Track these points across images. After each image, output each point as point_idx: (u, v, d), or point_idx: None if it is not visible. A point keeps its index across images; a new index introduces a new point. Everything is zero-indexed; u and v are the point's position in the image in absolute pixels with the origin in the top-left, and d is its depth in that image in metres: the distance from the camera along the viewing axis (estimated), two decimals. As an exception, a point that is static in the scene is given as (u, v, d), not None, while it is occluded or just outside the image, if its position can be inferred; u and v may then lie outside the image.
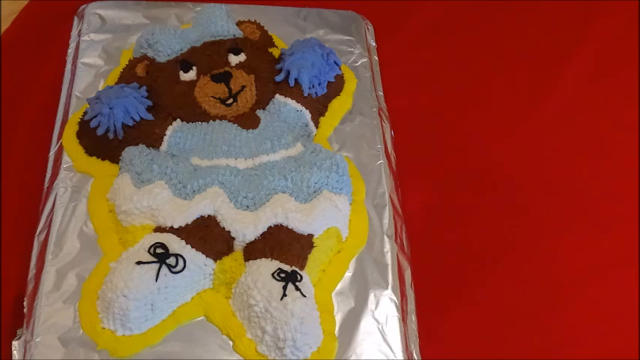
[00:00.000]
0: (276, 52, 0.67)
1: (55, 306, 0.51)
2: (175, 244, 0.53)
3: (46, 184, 0.60)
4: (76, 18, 0.73)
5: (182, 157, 0.59)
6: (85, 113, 0.60)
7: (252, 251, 0.54)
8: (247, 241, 0.54)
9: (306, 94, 0.64)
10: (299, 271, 0.53)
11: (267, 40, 0.69)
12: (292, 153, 0.60)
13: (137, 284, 0.50)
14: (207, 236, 0.54)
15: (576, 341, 0.61)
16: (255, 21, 0.70)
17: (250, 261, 0.53)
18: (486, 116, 0.77)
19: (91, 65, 0.68)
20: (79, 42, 0.70)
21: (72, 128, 0.62)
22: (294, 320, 0.49)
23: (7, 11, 0.81)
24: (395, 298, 0.54)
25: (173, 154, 0.59)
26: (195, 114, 0.61)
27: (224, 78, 0.62)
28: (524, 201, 0.70)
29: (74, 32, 0.72)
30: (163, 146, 0.60)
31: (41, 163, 0.62)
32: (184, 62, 0.63)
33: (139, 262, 0.51)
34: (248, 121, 0.61)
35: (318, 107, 0.65)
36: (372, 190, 0.61)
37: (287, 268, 0.52)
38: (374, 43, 0.76)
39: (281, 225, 0.55)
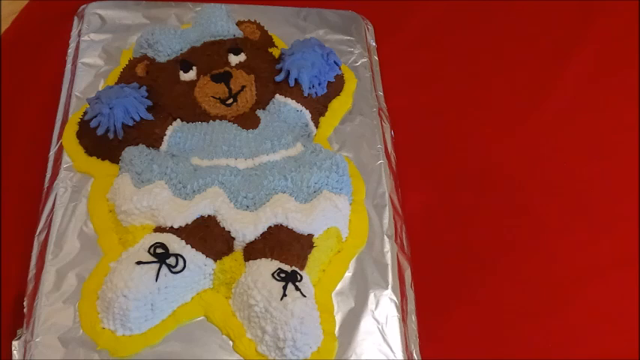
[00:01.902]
0: (276, 52, 0.67)
1: (55, 306, 0.51)
2: (175, 244, 0.53)
3: (46, 184, 0.60)
4: (76, 18, 0.73)
5: (182, 157, 0.59)
6: (85, 113, 0.60)
7: (252, 251, 0.54)
8: (247, 241, 0.54)
9: (306, 94, 0.63)
10: (299, 271, 0.53)
11: (267, 40, 0.69)
12: (292, 153, 0.60)
13: (137, 284, 0.50)
14: (207, 236, 0.54)
15: (576, 341, 0.61)
16: (255, 21, 0.70)
17: (250, 261, 0.53)
18: (486, 116, 0.77)
19: (91, 65, 0.68)
20: (79, 42, 0.70)
21: (72, 128, 0.62)
22: (294, 320, 0.49)
23: (7, 11, 0.81)
24: (395, 298, 0.54)
25: (173, 154, 0.59)
26: (195, 114, 0.61)
27: (224, 78, 0.62)
28: (524, 201, 0.70)
29: (74, 32, 0.72)
30: (163, 146, 0.60)
31: (41, 163, 0.62)
32: (184, 62, 0.63)
33: (139, 262, 0.51)
34: (248, 121, 0.61)
35: (318, 107, 0.65)
36: (372, 190, 0.61)
37: (287, 268, 0.52)
38: (374, 43, 0.76)
39: (281, 225, 0.55)
